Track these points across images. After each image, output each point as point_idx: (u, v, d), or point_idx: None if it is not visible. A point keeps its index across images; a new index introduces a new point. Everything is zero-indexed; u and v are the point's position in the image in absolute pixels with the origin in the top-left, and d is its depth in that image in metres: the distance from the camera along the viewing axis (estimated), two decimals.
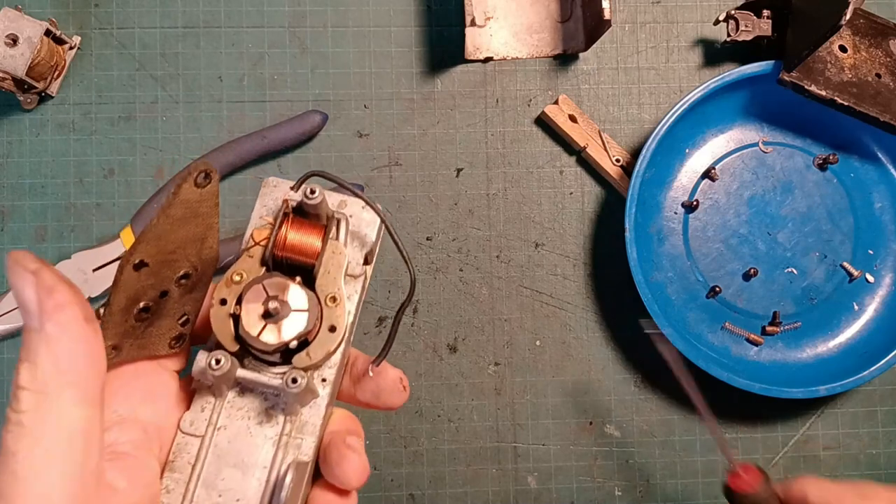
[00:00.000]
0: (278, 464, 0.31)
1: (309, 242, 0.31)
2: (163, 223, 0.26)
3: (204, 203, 0.28)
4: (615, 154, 0.59)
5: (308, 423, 0.31)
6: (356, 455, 0.31)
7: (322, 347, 0.31)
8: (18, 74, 0.53)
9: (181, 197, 0.26)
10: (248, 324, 0.29)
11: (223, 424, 0.31)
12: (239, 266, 0.31)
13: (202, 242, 0.29)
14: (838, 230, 0.60)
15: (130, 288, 0.27)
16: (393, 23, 0.60)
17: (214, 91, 0.59)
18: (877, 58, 0.56)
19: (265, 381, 0.30)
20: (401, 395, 0.34)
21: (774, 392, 0.55)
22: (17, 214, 0.57)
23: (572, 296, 0.60)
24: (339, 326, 0.31)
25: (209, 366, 0.29)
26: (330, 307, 0.31)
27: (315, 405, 0.32)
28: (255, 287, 0.30)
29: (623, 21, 0.62)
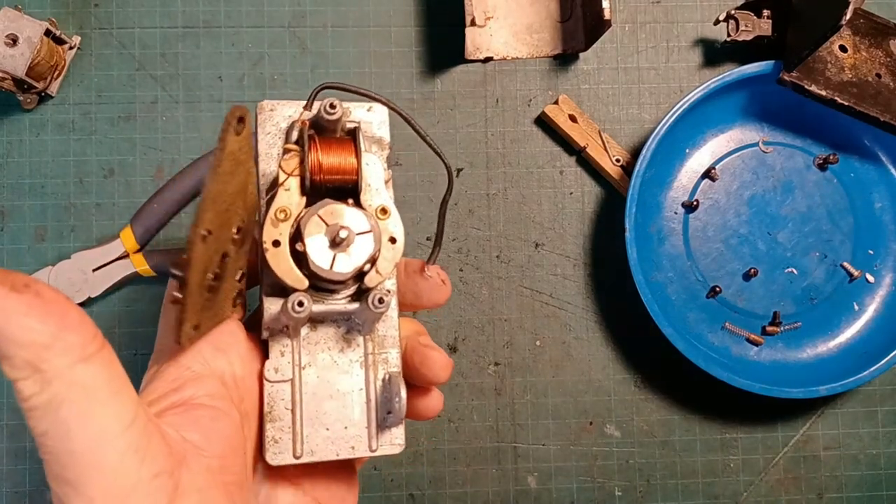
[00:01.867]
0: (372, 382, 0.31)
1: (345, 160, 0.30)
2: (217, 184, 0.25)
3: (243, 150, 0.27)
4: (615, 154, 0.59)
5: (387, 336, 0.31)
6: (437, 352, 0.32)
7: (389, 261, 0.30)
8: (18, 74, 0.53)
9: (227, 150, 0.26)
10: (317, 258, 0.29)
11: (307, 362, 0.31)
12: (279, 202, 0.29)
13: (245, 191, 0.29)
14: (838, 230, 0.60)
15: (201, 261, 0.26)
16: (393, 23, 0.60)
17: (214, 91, 0.59)
18: (877, 58, 0.56)
19: (341, 309, 0.30)
20: (442, 290, 0.34)
21: (774, 392, 0.55)
22: (16, 214, 0.57)
23: (572, 296, 0.60)
24: (398, 236, 0.30)
25: (293, 310, 0.28)
26: (383, 219, 0.30)
27: (388, 318, 0.32)
28: (312, 219, 0.29)
29: (623, 21, 0.62)
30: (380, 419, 0.31)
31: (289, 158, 0.30)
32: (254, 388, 0.30)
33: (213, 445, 0.27)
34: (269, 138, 0.31)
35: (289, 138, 0.31)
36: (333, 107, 0.30)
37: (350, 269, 0.29)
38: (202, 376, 0.28)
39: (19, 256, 0.57)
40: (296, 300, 0.28)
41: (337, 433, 0.30)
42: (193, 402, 0.27)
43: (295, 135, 0.31)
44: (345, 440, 0.31)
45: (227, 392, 0.29)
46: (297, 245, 0.29)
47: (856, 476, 0.60)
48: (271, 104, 0.32)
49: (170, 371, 0.28)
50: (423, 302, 0.34)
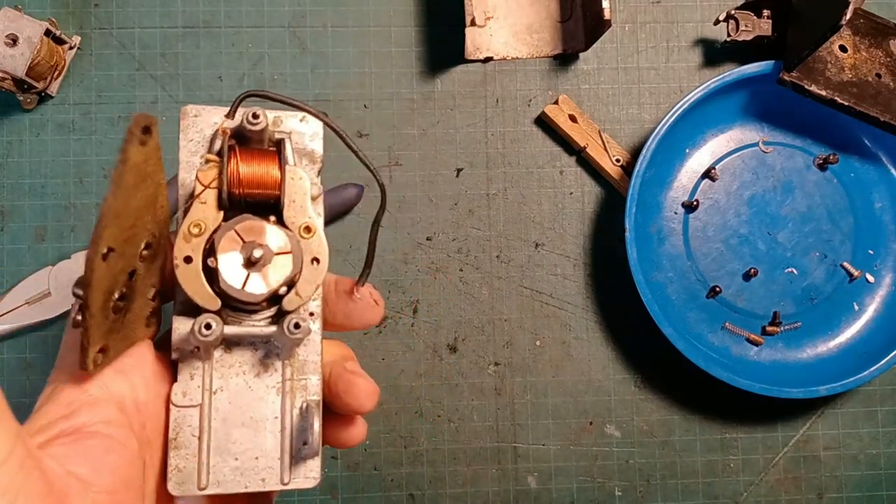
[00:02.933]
0: (288, 410, 0.29)
1: (266, 173, 0.28)
2: (119, 199, 0.24)
3: (150, 161, 0.25)
4: (615, 154, 0.59)
5: (308, 361, 0.29)
6: (363, 379, 0.30)
7: (311, 284, 0.28)
8: (18, 74, 0.53)
9: (131, 161, 0.23)
10: (229, 277, 0.27)
11: (219, 386, 0.29)
12: (194, 216, 0.27)
13: (154, 205, 0.26)
14: (838, 230, 0.60)
15: (103, 281, 0.24)
16: (393, 23, 0.60)
17: (214, 91, 0.59)
18: (877, 58, 0.56)
19: (257, 332, 0.28)
20: (374, 311, 0.32)
21: (774, 392, 0.55)
22: (16, 214, 0.57)
23: (572, 296, 0.60)
24: (322, 257, 0.28)
25: (199, 333, 0.26)
26: (306, 238, 0.28)
27: (310, 342, 0.30)
28: (228, 234, 0.27)
29: (623, 21, 0.62)
30: (295, 450, 0.29)
31: (207, 169, 0.28)
32: (159, 412, 0.28)
33: (104, 479, 0.25)
34: (192, 146, 0.29)
35: (211, 147, 0.29)
36: (256, 116, 0.28)
37: (264, 290, 0.27)
38: (98, 401, 0.26)
39: (19, 256, 0.57)
40: (203, 322, 0.27)
41: (247, 464, 0.28)
42: (86, 430, 0.25)
43: (217, 144, 0.29)
44: (255, 471, 0.29)
45: (125, 419, 0.27)
46: (209, 261, 0.27)
47: (856, 476, 0.60)
48: (196, 109, 0.30)
49: (64, 394, 0.26)
50: (354, 323, 0.32)
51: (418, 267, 0.59)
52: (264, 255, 0.27)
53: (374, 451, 0.58)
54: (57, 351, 0.29)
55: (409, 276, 0.59)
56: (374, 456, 0.58)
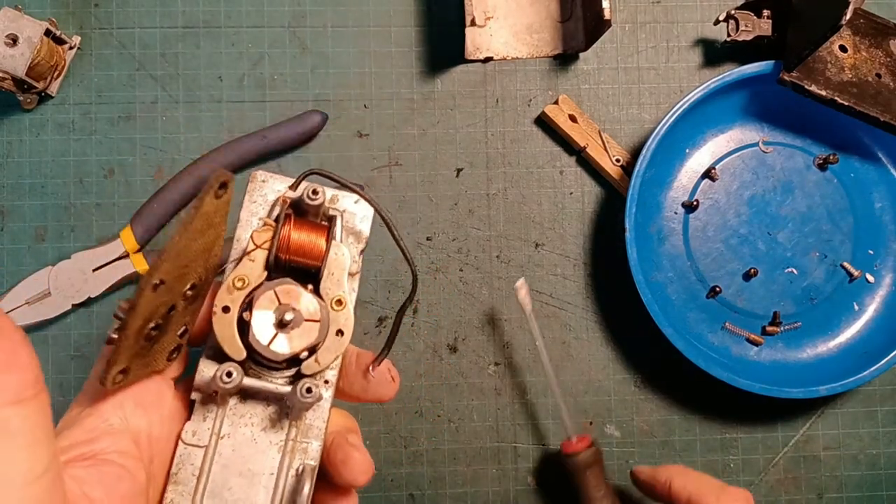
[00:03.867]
0: (285, 470, 0.30)
1: (314, 244, 0.31)
2: (184, 239, 0.26)
3: (219, 213, 0.27)
4: (615, 154, 0.59)
5: (313, 426, 0.31)
6: (360, 454, 0.31)
7: (331, 353, 0.30)
8: (18, 74, 0.53)
9: (203, 210, 0.26)
10: (259, 333, 0.29)
11: (227, 433, 0.30)
12: (240, 271, 0.30)
13: (209, 252, 0.29)
14: (838, 230, 0.60)
15: (147, 309, 0.26)
16: (393, 23, 0.60)
17: (214, 91, 0.59)
18: (877, 58, 0.56)
19: (273, 389, 0.30)
20: (389, 387, 0.34)
21: (774, 392, 0.55)
22: (16, 214, 0.57)
23: (572, 296, 0.60)
24: (346, 331, 0.30)
25: (220, 379, 0.28)
26: (336, 311, 0.30)
27: (319, 408, 0.31)
28: (266, 294, 0.29)
29: (623, 21, 0.62)
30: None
31: (262, 231, 0.30)
32: (168, 449, 0.30)
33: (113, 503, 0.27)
34: (254, 207, 0.32)
35: (271, 212, 0.31)
36: (316, 193, 0.31)
37: (287, 351, 0.29)
38: (117, 431, 0.28)
39: (19, 256, 0.57)
40: (225, 370, 0.28)
41: None
42: (102, 456, 0.27)
43: (276, 211, 0.31)
44: None
45: (138, 451, 0.28)
46: (244, 314, 0.29)
47: (856, 476, 0.60)
48: (264, 175, 0.32)
49: (89, 420, 0.28)
50: (369, 396, 0.33)
51: (418, 267, 0.59)
52: (295, 318, 0.29)
53: (374, 451, 0.58)
54: (56, 351, 0.29)
55: (409, 277, 0.59)
56: (374, 456, 0.58)
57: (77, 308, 0.56)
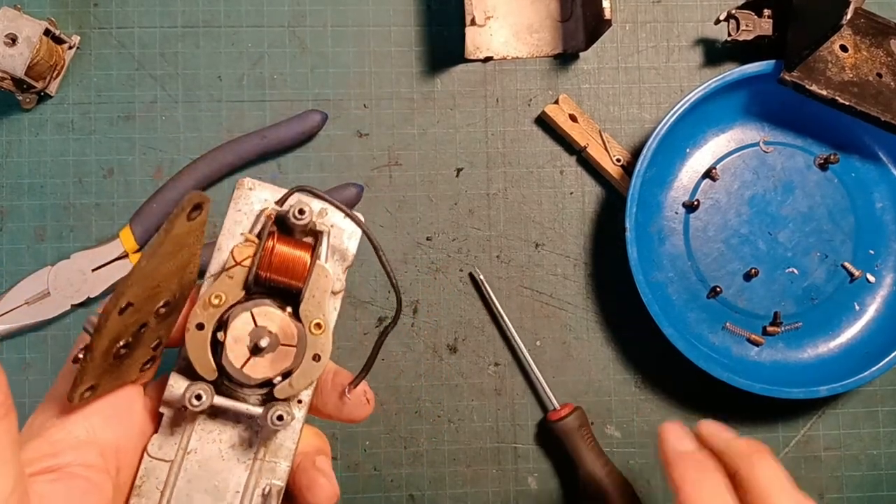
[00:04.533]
0: (251, 488, 0.29)
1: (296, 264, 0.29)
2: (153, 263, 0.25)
3: (192, 234, 0.26)
4: (616, 154, 0.59)
5: (283, 446, 0.30)
6: (326, 480, 0.30)
7: (306, 377, 0.29)
8: (17, 74, 0.53)
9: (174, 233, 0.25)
10: (232, 354, 0.28)
11: (193, 448, 0.29)
12: (218, 287, 0.29)
13: (183, 271, 0.28)
14: (839, 230, 0.60)
15: (114, 331, 0.25)
16: (393, 23, 0.60)
17: (214, 91, 0.59)
18: (878, 57, 0.56)
19: (244, 410, 0.29)
20: (364, 409, 0.33)
21: (775, 392, 0.55)
22: (16, 214, 0.57)
23: (572, 296, 0.60)
24: (323, 356, 0.29)
25: (189, 401, 0.28)
26: (315, 334, 0.29)
27: (290, 428, 0.30)
28: (242, 315, 0.28)
29: (623, 20, 0.62)
30: None
31: (243, 247, 0.29)
32: (135, 460, 0.29)
33: None
34: (239, 215, 0.31)
35: (254, 226, 0.30)
36: (302, 213, 0.29)
37: (261, 375, 0.28)
38: (82, 444, 0.27)
39: (19, 256, 0.57)
40: (195, 392, 0.28)
41: None
42: (68, 469, 0.26)
43: (259, 225, 0.30)
44: None
45: (104, 464, 0.28)
46: (219, 334, 0.28)
47: (856, 476, 0.60)
48: (251, 183, 0.31)
49: (53, 431, 0.27)
50: (343, 416, 0.33)
51: (418, 267, 0.59)
52: (270, 343, 0.28)
53: (374, 451, 0.58)
54: (56, 351, 0.29)
55: (409, 276, 0.59)
56: (374, 456, 0.58)
57: (76, 308, 0.56)
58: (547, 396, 0.57)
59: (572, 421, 0.56)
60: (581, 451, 0.55)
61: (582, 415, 0.57)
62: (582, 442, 0.56)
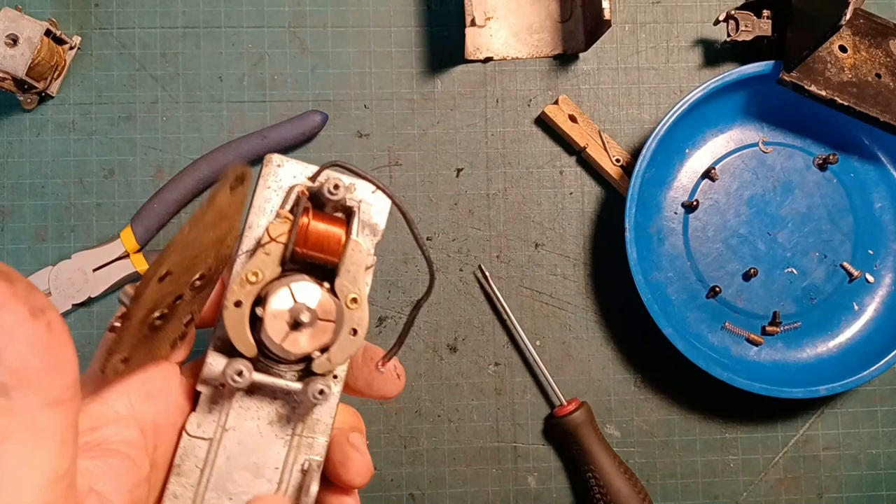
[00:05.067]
0: (290, 464, 0.30)
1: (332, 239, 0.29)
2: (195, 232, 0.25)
3: (233, 206, 0.27)
4: (615, 154, 0.59)
5: (320, 421, 0.30)
6: (360, 455, 0.30)
7: (344, 352, 0.29)
8: (18, 74, 0.53)
9: (216, 203, 0.25)
10: (272, 330, 0.28)
11: (232, 425, 0.30)
12: (255, 264, 0.29)
13: (221, 244, 0.28)
14: (838, 230, 0.60)
15: (152, 299, 0.26)
16: (393, 23, 0.60)
17: (214, 91, 0.59)
18: (877, 58, 0.56)
19: (283, 385, 0.29)
20: (395, 384, 0.33)
21: (774, 392, 0.55)
22: (17, 214, 0.57)
23: (572, 296, 0.60)
24: (360, 330, 0.29)
25: (230, 377, 0.28)
26: (352, 309, 0.29)
27: (328, 403, 0.30)
28: (281, 290, 0.28)
29: (623, 21, 0.62)
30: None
31: (278, 223, 0.29)
32: (172, 437, 0.29)
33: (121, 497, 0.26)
34: (268, 193, 0.31)
35: (286, 202, 0.30)
36: (337, 187, 0.29)
37: (301, 350, 0.28)
38: (122, 419, 0.27)
39: (19, 256, 0.57)
40: (236, 369, 0.28)
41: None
42: (108, 446, 0.26)
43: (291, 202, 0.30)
44: None
45: (143, 441, 0.28)
46: (257, 309, 0.28)
47: (855, 476, 0.60)
48: (280, 160, 0.31)
49: (93, 406, 0.27)
50: (374, 392, 0.33)
51: (418, 267, 0.59)
52: (310, 319, 0.28)
53: (374, 450, 0.58)
54: None
55: (409, 276, 0.59)
56: (374, 456, 0.58)
57: (77, 308, 0.57)
58: (554, 392, 0.58)
59: (580, 416, 0.56)
60: (591, 445, 0.56)
61: (588, 409, 0.57)
62: (591, 436, 0.56)
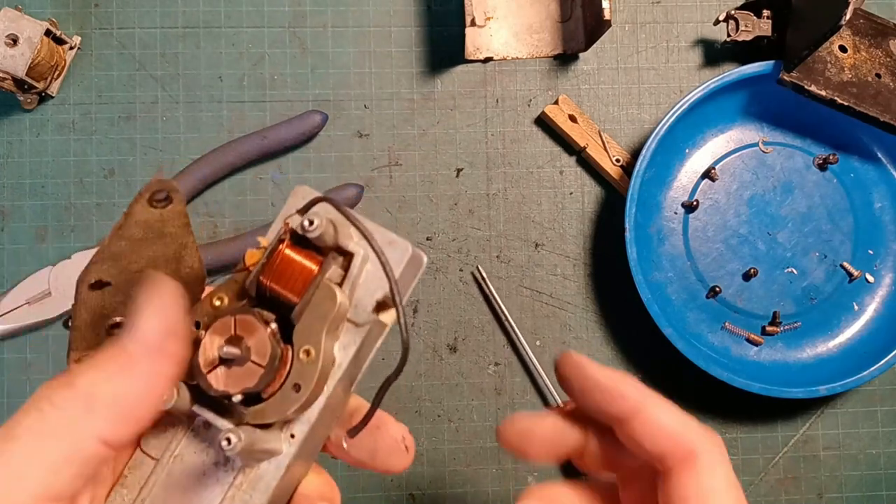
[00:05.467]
0: None
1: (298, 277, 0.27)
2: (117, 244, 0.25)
3: (169, 223, 0.26)
4: (615, 154, 0.59)
5: (263, 479, 0.27)
6: None
7: (278, 407, 0.26)
8: (18, 74, 0.53)
9: (135, 218, 0.25)
10: (203, 358, 0.26)
11: (181, 454, 0.28)
12: (222, 289, 0.27)
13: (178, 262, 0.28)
14: (838, 230, 0.60)
15: (92, 305, 0.26)
16: (393, 23, 0.60)
17: (214, 91, 0.59)
18: (877, 58, 0.56)
19: (219, 424, 0.27)
20: (402, 458, 0.29)
21: (774, 392, 0.55)
22: (17, 214, 0.57)
23: (572, 296, 0.60)
24: (304, 386, 0.26)
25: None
26: (302, 361, 0.26)
27: (276, 462, 0.27)
28: (225, 319, 0.26)
29: (623, 21, 0.62)
30: None
31: (255, 251, 0.27)
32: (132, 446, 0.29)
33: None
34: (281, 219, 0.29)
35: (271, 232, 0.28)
36: (312, 223, 0.26)
37: (221, 387, 0.26)
38: None
39: (19, 256, 0.57)
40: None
41: None
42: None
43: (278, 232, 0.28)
44: None
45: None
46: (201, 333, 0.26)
47: (856, 476, 0.60)
48: (304, 191, 0.29)
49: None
50: (378, 464, 0.29)
51: None
52: (238, 356, 0.26)
53: None
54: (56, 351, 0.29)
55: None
56: None
57: None
58: (551, 395, 0.57)
59: None
60: None
61: None
62: None
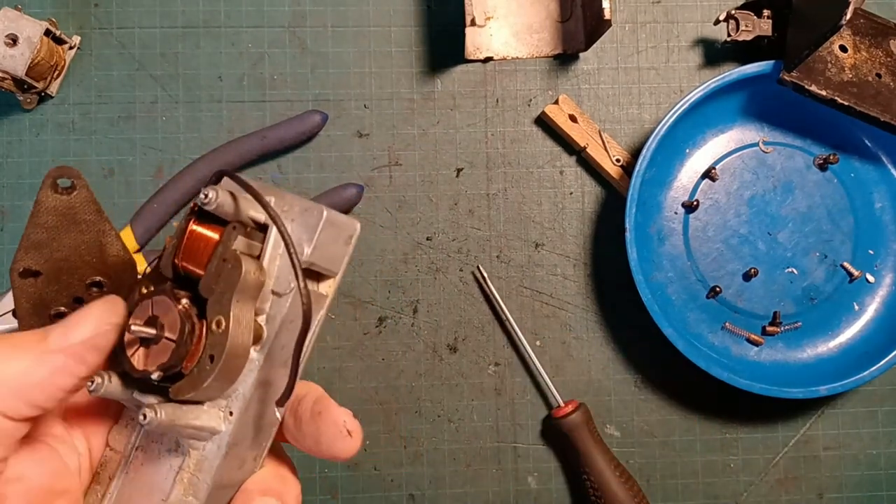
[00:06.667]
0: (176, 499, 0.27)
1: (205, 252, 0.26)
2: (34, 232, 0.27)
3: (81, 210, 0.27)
4: (615, 154, 0.59)
5: (207, 459, 0.27)
6: None
7: (196, 380, 0.25)
8: (18, 74, 0.53)
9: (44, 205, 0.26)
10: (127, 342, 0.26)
11: (141, 445, 0.28)
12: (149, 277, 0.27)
13: (101, 249, 0.28)
14: (838, 230, 0.60)
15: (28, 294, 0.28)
16: (393, 23, 0.60)
17: (214, 91, 0.59)
18: (877, 58, 0.56)
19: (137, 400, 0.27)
20: (346, 443, 0.27)
21: (775, 392, 0.55)
22: (16, 214, 0.57)
23: (572, 296, 0.60)
24: (217, 356, 0.25)
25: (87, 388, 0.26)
26: (214, 332, 0.25)
27: (217, 441, 0.27)
28: (144, 303, 0.26)
29: (623, 21, 0.62)
30: None
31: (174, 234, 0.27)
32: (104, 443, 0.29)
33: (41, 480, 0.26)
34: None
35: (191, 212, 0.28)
36: (206, 196, 0.25)
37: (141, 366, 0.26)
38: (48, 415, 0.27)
39: None
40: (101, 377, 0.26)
41: None
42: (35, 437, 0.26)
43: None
44: None
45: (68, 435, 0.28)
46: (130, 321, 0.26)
47: (856, 476, 0.60)
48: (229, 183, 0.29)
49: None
50: (323, 450, 0.28)
51: (418, 267, 0.59)
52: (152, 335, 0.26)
53: (374, 451, 0.58)
54: None
55: (409, 276, 0.59)
56: (374, 456, 0.58)
57: None
58: (551, 393, 0.58)
59: (577, 417, 0.56)
60: (588, 446, 0.56)
61: (586, 411, 0.57)
62: (588, 438, 0.56)
